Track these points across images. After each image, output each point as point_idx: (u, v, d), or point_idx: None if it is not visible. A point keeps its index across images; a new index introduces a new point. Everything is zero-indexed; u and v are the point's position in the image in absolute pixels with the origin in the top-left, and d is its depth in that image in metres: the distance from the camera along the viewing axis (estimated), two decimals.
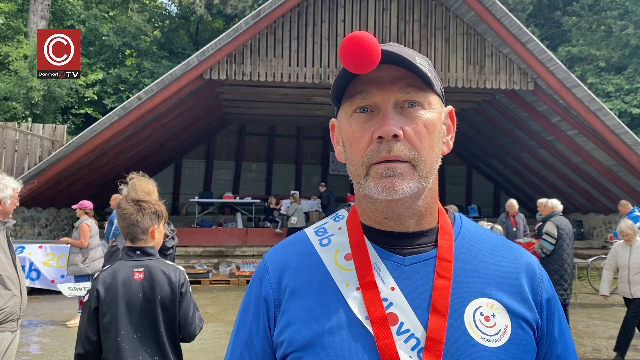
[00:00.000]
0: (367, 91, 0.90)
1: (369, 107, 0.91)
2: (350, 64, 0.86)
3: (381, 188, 0.88)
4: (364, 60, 0.85)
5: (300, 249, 0.99)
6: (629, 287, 6.14)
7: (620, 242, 6.48)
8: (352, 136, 0.92)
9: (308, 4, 11.74)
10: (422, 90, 0.91)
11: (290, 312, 0.92)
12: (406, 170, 0.88)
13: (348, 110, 0.93)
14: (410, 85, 0.90)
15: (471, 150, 18.37)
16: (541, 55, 11.54)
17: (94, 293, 2.41)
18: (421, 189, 0.91)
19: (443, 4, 12.06)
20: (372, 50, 0.84)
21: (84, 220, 7.90)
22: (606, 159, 12.75)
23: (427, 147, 0.91)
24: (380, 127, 0.88)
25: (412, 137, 0.89)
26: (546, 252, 6.77)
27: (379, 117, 0.90)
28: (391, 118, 0.88)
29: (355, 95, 0.91)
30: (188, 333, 2.53)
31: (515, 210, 10.11)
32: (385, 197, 0.89)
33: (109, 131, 11.12)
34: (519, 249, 1.00)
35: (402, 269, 0.92)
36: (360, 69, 0.86)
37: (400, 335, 0.86)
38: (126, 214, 2.52)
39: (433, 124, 0.92)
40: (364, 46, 0.84)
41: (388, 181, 0.88)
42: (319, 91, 13.12)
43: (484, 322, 0.89)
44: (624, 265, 6.24)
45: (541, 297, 0.95)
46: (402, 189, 0.88)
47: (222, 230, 14.61)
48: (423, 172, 0.90)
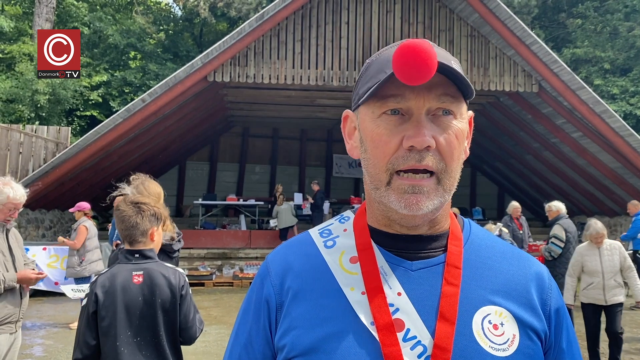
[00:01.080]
0: (402, 95, 0.86)
1: (401, 110, 0.86)
2: (406, 75, 0.81)
3: (404, 204, 0.86)
4: (422, 73, 0.80)
5: (304, 250, 0.96)
6: (604, 294, 5.60)
7: (585, 245, 5.86)
8: (378, 138, 0.88)
9: (312, 7, 11.74)
10: (457, 99, 0.88)
11: (293, 315, 0.89)
12: (432, 187, 0.86)
13: (377, 110, 0.88)
14: (447, 94, 0.86)
15: (475, 152, 18.31)
16: (545, 57, 11.50)
17: (93, 297, 2.37)
18: (444, 202, 0.88)
19: (447, 6, 12.05)
20: (432, 65, 0.80)
21: (82, 222, 7.88)
22: (611, 162, 12.69)
23: (456, 158, 0.88)
24: (413, 137, 0.84)
25: (444, 148, 0.86)
26: (554, 256, 6.68)
27: (411, 123, 0.85)
28: (425, 127, 0.84)
29: (389, 98, 0.86)
30: (189, 336, 2.50)
31: (519, 213, 10.04)
32: (407, 212, 0.86)
33: (113, 133, 11.14)
34: (528, 257, 0.98)
35: (409, 274, 0.89)
36: (414, 80, 0.81)
37: (406, 342, 0.84)
38: (125, 216, 2.48)
39: (463, 134, 0.90)
40: (425, 59, 0.79)
41: (412, 198, 0.85)
42: (322, 93, 13.11)
43: (493, 330, 0.86)
44: (596, 271, 5.65)
45: (550, 307, 0.93)
46: (427, 207, 0.86)
47: (226, 232, 14.60)
48: (447, 185, 0.88)
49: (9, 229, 3.52)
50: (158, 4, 25.51)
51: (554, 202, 7.32)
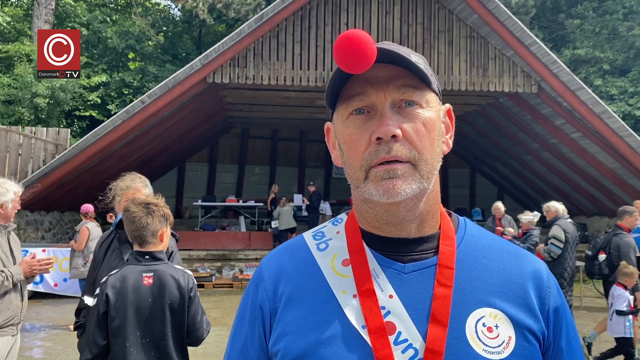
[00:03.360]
0: (364, 92, 0.87)
1: (366, 108, 0.88)
2: (345, 63, 0.83)
3: (382, 191, 0.85)
4: (359, 59, 0.82)
5: (297, 254, 0.96)
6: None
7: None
8: (349, 139, 0.89)
9: (311, 8, 11.74)
10: (419, 88, 0.88)
11: (286, 320, 0.89)
12: (407, 170, 0.85)
13: (344, 112, 0.90)
14: (407, 85, 0.87)
15: (475, 153, 18.32)
16: (545, 58, 11.51)
17: (103, 297, 2.39)
18: (423, 189, 0.88)
19: (446, 7, 12.05)
20: (367, 49, 0.81)
21: (84, 223, 8.08)
22: (610, 162, 12.69)
23: (428, 146, 0.87)
24: (378, 128, 0.85)
25: (412, 137, 0.86)
26: (554, 257, 6.67)
27: (377, 118, 0.87)
28: (389, 118, 0.85)
29: (353, 97, 0.88)
30: (196, 337, 2.52)
31: (502, 213, 10.02)
32: (386, 200, 0.86)
33: (112, 135, 11.13)
34: (526, 255, 0.96)
35: (401, 277, 0.88)
36: (355, 68, 0.83)
37: (397, 345, 0.83)
38: (135, 217, 2.48)
39: (432, 123, 0.89)
40: (358, 45, 0.81)
41: (389, 183, 0.85)
42: (322, 94, 13.10)
43: (487, 333, 0.85)
44: None
45: (548, 306, 0.91)
46: (404, 190, 0.85)
47: (226, 234, 14.60)
48: (424, 172, 0.87)
49: (10, 231, 3.54)
50: (157, 5, 25.52)
51: (552, 202, 7.29)
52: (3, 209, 3.44)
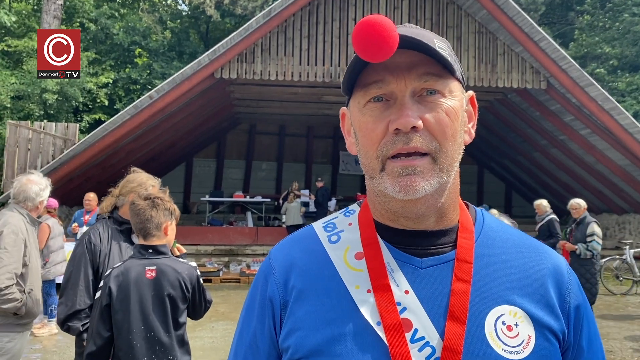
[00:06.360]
0: (383, 80, 0.83)
1: (385, 96, 0.83)
2: (365, 52, 0.78)
3: (399, 187, 0.81)
4: (380, 48, 0.77)
5: (307, 246, 0.92)
6: None
7: None
8: (365, 127, 0.85)
9: (319, 3, 11.72)
10: (443, 77, 0.83)
11: (297, 315, 0.85)
12: (426, 166, 0.81)
13: (362, 100, 0.86)
14: (429, 73, 0.82)
15: (483, 149, 18.24)
16: (554, 54, 11.43)
17: (106, 290, 2.41)
18: (443, 184, 0.83)
19: (454, 2, 11.99)
20: (389, 37, 0.76)
21: (44, 219, 6.94)
22: (620, 159, 12.60)
23: (450, 137, 0.83)
24: (397, 119, 0.81)
25: (434, 127, 0.82)
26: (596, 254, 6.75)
27: (396, 107, 0.82)
28: (409, 108, 0.81)
29: (371, 85, 0.84)
30: (199, 316, 2.66)
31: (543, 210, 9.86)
32: (403, 196, 0.82)
33: (120, 130, 11.18)
34: (546, 250, 0.92)
35: (417, 272, 0.84)
36: (375, 57, 0.78)
37: (414, 343, 0.80)
38: (140, 210, 2.51)
39: (455, 112, 0.84)
40: (380, 32, 0.76)
41: (407, 180, 0.81)
42: (329, 90, 13.09)
43: (506, 331, 0.81)
44: None
45: (569, 304, 0.88)
46: (423, 188, 0.81)
47: (233, 229, 14.64)
48: (444, 165, 0.83)
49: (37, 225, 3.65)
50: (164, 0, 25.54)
51: (577, 199, 7.25)
52: (41, 204, 3.52)
